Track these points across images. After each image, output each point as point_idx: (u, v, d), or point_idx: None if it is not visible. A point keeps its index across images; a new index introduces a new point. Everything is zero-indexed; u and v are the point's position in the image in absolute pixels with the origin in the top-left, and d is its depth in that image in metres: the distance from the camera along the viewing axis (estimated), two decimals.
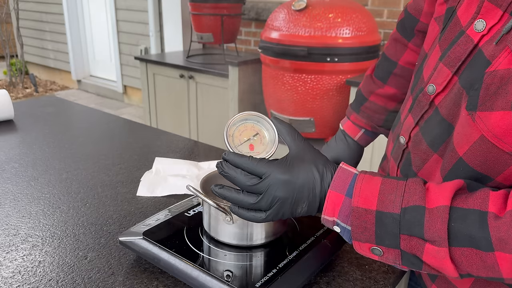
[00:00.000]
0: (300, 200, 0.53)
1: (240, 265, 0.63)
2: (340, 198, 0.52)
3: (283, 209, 0.53)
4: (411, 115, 0.63)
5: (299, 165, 0.54)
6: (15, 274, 0.66)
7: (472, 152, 0.50)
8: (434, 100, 0.58)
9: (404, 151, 0.65)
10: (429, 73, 0.60)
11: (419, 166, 0.61)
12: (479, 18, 0.52)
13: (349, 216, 0.52)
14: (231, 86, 2.70)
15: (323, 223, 0.55)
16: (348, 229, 0.53)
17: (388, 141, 0.77)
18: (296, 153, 0.56)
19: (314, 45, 2.20)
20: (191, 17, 3.00)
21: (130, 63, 4.61)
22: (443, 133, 0.56)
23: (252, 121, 0.60)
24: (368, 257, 0.53)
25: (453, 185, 0.48)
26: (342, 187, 0.52)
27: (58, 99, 1.71)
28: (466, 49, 0.53)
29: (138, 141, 1.27)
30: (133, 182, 0.98)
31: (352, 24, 2.20)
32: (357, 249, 0.53)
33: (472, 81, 0.50)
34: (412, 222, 0.47)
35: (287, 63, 2.29)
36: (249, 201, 0.54)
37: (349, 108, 0.91)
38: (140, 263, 0.69)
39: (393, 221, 0.48)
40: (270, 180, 0.52)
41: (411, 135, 0.63)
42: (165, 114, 3.25)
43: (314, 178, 0.53)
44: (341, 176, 0.53)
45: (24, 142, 1.22)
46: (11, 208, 0.85)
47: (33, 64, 6.09)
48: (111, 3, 4.64)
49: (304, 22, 2.23)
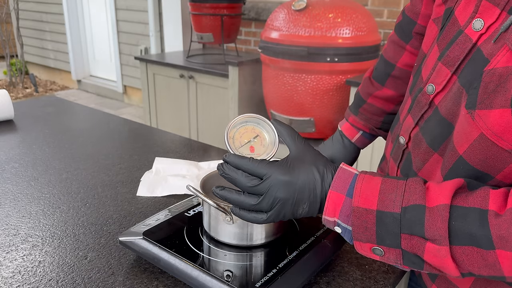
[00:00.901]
0: (301, 201, 0.53)
1: (240, 265, 0.63)
2: (341, 198, 0.52)
3: (284, 210, 0.53)
4: (411, 115, 0.63)
5: (299, 166, 0.54)
6: (15, 274, 0.66)
7: (471, 150, 0.50)
8: (434, 99, 0.58)
9: (404, 151, 0.65)
10: (428, 73, 0.60)
11: (419, 166, 0.61)
12: (477, 17, 0.52)
13: (349, 216, 0.52)
14: (231, 86, 2.70)
15: (324, 224, 0.56)
16: (349, 229, 0.53)
17: (387, 142, 0.77)
18: (297, 154, 0.56)
19: (314, 45, 2.20)
20: (191, 17, 3.00)
21: (130, 63, 4.61)
22: (443, 133, 0.56)
23: (252, 123, 0.60)
24: (369, 257, 0.53)
25: (453, 184, 0.48)
26: (343, 188, 0.52)
27: (58, 99, 1.71)
28: (464, 48, 0.53)
29: (138, 141, 1.27)
30: (133, 182, 0.98)
31: (352, 24, 2.20)
32: (358, 249, 0.53)
33: (471, 79, 0.50)
34: (412, 221, 0.48)
35: (287, 63, 2.29)
36: (250, 202, 0.54)
37: (348, 110, 0.91)
38: (140, 263, 0.69)
39: (393, 220, 0.48)
40: (271, 181, 0.52)
41: (411, 135, 0.63)
42: (165, 114, 3.25)
43: (314, 179, 0.53)
44: (341, 176, 0.53)
45: (24, 142, 1.22)
46: (11, 208, 0.85)
47: (33, 64, 6.09)
48: (111, 3, 4.64)
49: (304, 22, 2.23)
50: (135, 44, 4.54)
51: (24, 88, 5.43)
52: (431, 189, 0.49)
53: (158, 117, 3.30)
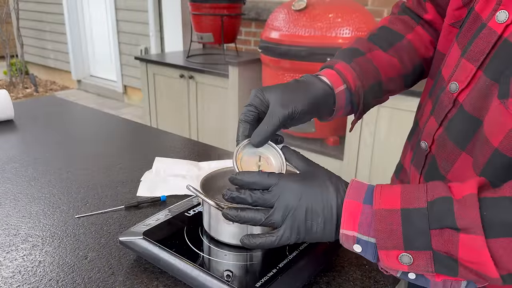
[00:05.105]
0: (315, 213, 0.50)
1: (240, 265, 0.63)
2: (359, 207, 0.49)
3: (297, 221, 0.51)
4: (434, 117, 0.61)
5: (311, 178, 0.53)
6: (15, 274, 0.66)
7: (508, 140, 0.48)
8: (458, 97, 0.56)
9: (427, 156, 0.63)
10: (449, 72, 0.59)
11: (447, 168, 0.58)
12: (501, 9, 0.51)
13: (371, 225, 0.48)
14: (231, 86, 2.70)
15: (343, 244, 0.51)
16: (371, 242, 0.48)
17: (405, 151, 0.75)
18: (308, 169, 0.55)
19: (314, 45, 2.20)
20: (191, 17, 3.00)
21: (130, 63, 4.61)
22: (469, 130, 0.54)
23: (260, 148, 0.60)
24: (397, 269, 0.47)
25: (476, 180, 0.46)
26: (359, 196, 0.50)
27: (58, 99, 1.71)
28: (489, 41, 0.52)
29: (138, 141, 1.27)
30: (133, 182, 0.98)
31: (352, 24, 2.20)
32: (384, 262, 0.48)
33: (502, 70, 0.49)
34: (441, 212, 0.44)
35: (287, 63, 2.29)
36: (260, 216, 0.52)
37: (331, 59, 0.71)
38: (140, 263, 0.69)
39: (421, 216, 0.45)
40: (281, 188, 0.51)
41: (434, 137, 0.61)
42: (165, 114, 3.25)
43: (328, 190, 0.51)
44: (355, 186, 0.51)
45: (24, 142, 1.22)
46: (11, 208, 0.85)
47: (33, 64, 6.09)
48: (111, 3, 4.64)
49: (304, 22, 2.23)
50: (135, 44, 4.54)
51: (24, 88, 5.43)
52: (453, 186, 0.47)
53: (158, 117, 3.30)
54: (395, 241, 0.46)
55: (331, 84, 0.65)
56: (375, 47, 0.72)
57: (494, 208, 0.42)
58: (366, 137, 2.19)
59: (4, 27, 5.36)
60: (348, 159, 2.29)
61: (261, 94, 0.59)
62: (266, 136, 0.57)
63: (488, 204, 0.43)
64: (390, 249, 0.46)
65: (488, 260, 0.42)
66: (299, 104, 0.58)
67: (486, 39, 0.52)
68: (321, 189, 0.51)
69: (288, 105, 0.58)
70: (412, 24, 0.76)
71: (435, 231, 0.44)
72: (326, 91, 0.63)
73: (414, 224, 0.45)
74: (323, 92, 0.63)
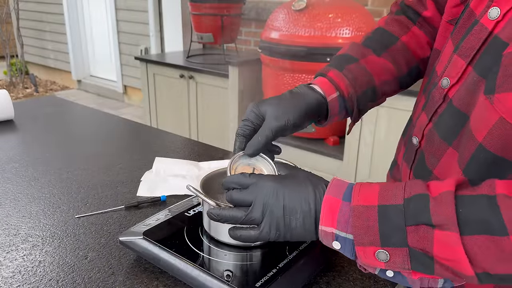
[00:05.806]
0: (293, 209, 0.52)
1: (240, 265, 0.63)
2: (338, 203, 0.50)
3: (275, 217, 0.52)
4: (425, 112, 0.62)
5: (291, 177, 0.55)
6: (15, 274, 0.66)
7: (491, 136, 0.48)
8: (448, 93, 0.57)
9: (417, 151, 0.64)
10: (442, 68, 0.59)
11: (434, 163, 0.59)
12: (493, 6, 0.51)
13: (348, 221, 0.49)
14: (231, 86, 2.70)
15: (322, 240, 0.52)
16: (349, 238, 0.49)
17: (399, 147, 0.75)
18: (291, 172, 0.58)
19: (314, 45, 2.20)
20: (191, 17, 3.00)
21: (130, 63, 4.61)
22: (457, 125, 0.55)
23: (254, 160, 0.63)
24: (374, 266, 0.48)
25: (454, 178, 0.46)
26: (338, 193, 0.51)
27: (58, 99, 1.71)
28: (480, 37, 0.52)
29: (138, 141, 1.27)
30: (133, 182, 0.98)
31: (352, 24, 2.20)
32: (362, 259, 0.49)
33: (490, 66, 0.49)
34: (417, 209, 0.45)
35: (287, 63, 2.29)
36: (240, 214, 0.54)
37: (325, 67, 0.72)
38: (140, 263, 0.69)
39: (397, 212, 0.46)
40: (258, 186, 0.53)
41: (424, 132, 0.61)
42: (165, 114, 3.25)
43: (306, 186, 0.52)
44: (336, 183, 0.52)
45: (24, 142, 1.22)
46: (11, 208, 0.85)
47: (33, 64, 6.09)
48: (111, 3, 4.64)
49: (304, 22, 2.23)
50: (135, 44, 4.54)
51: (24, 88, 5.43)
52: (431, 184, 0.47)
53: (158, 117, 3.30)
54: (371, 237, 0.47)
55: (323, 93, 0.67)
56: (369, 52, 0.73)
57: (470, 205, 0.43)
58: (366, 136, 2.19)
59: (4, 27, 5.36)
60: (348, 159, 2.29)
61: (256, 109, 0.63)
62: (258, 147, 0.60)
63: (465, 202, 0.43)
64: (367, 245, 0.47)
65: (463, 257, 0.42)
66: (292, 116, 0.62)
67: (477, 35, 0.53)
68: (299, 186, 0.53)
69: (281, 117, 0.61)
70: (408, 24, 0.77)
71: (410, 228, 0.45)
72: (318, 101, 0.66)
73: (390, 220, 0.46)
74: (316, 102, 0.66)
